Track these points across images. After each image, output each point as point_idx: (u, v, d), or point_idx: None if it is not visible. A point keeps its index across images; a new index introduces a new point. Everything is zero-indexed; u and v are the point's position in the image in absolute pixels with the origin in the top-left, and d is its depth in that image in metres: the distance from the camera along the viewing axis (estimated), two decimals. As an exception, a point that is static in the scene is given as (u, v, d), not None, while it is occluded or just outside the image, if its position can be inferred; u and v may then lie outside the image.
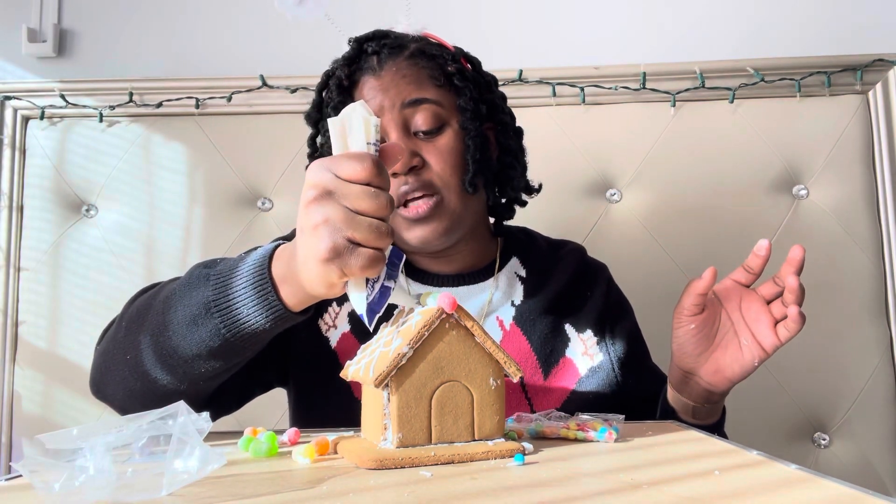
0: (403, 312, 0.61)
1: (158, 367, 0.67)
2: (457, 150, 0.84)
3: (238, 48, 1.44)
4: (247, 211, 1.36)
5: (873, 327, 1.30)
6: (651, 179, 1.34)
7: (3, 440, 1.31)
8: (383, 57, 0.84)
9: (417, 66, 0.84)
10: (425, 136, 0.83)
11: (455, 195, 0.84)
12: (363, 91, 0.85)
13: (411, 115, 0.83)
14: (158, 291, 0.72)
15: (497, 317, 0.89)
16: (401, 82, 0.83)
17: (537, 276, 0.92)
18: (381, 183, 0.54)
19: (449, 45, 0.91)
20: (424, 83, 0.84)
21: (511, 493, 0.44)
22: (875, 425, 1.27)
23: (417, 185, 0.81)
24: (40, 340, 1.33)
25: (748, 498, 0.42)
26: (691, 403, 0.80)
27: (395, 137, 0.82)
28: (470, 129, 0.84)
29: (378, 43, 0.85)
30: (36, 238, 1.36)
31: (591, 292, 0.93)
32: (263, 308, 0.61)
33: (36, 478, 0.41)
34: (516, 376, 0.57)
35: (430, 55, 0.86)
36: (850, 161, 1.32)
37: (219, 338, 0.63)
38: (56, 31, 1.43)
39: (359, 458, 0.52)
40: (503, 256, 0.94)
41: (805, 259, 0.72)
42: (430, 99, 0.83)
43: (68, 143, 1.38)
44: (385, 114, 0.83)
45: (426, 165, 0.82)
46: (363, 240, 0.53)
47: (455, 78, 0.86)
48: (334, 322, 0.88)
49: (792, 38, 1.39)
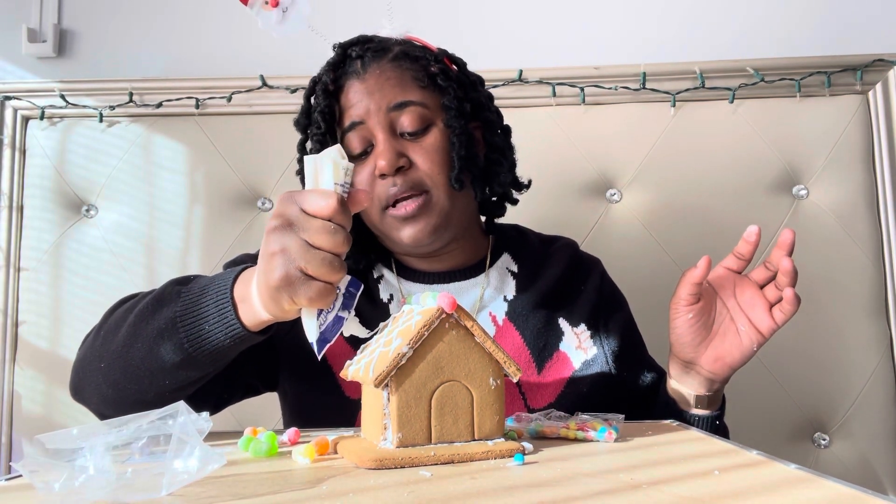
0: (403, 312, 0.61)
1: (127, 377, 0.70)
2: (443, 149, 0.85)
3: (238, 48, 1.44)
4: (247, 211, 1.36)
5: (873, 327, 1.29)
6: (651, 179, 1.34)
7: (3, 440, 1.31)
8: (367, 60, 0.85)
9: (401, 69, 0.86)
10: (411, 136, 0.85)
11: (443, 192, 0.85)
12: (349, 95, 0.86)
13: (397, 117, 0.84)
14: (135, 304, 0.74)
15: (490, 312, 0.90)
16: (385, 85, 0.84)
17: (529, 271, 0.93)
18: (342, 221, 0.57)
19: (433, 46, 0.92)
20: (408, 85, 0.85)
21: (511, 493, 0.44)
22: (875, 425, 1.27)
23: (406, 185, 0.83)
24: (41, 340, 1.33)
25: (748, 498, 0.42)
26: (693, 393, 0.81)
27: (381, 139, 0.83)
28: (455, 126, 0.85)
29: (362, 47, 0.86)
30: (36, 238, 1.36)
31: (584, 286, 0.94)
32: (223, 326, 0.65)
33: (36, 478, 0.41)
34: (516, 376, 0.57)
35: (414, 57, 0.87)
36: (850, 161, 1.32)
37: (182, 352, 0.66)
38: (56, 31, 1.43)
39: (359, 458, 0.52)
40: (494, 253, 0.95)
41: (795, 241, 0.74)
42: (414, 101, 0.84)
43: (68, 143, 1.38)
44: (371, 117, 0.84)
45: (413, 165, 0.84)
46: (315, 273, 0.56)
47: (438, 78, 0.87)
48: None
49: (792, 38, 1.39)
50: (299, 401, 0.91)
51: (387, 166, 0.81)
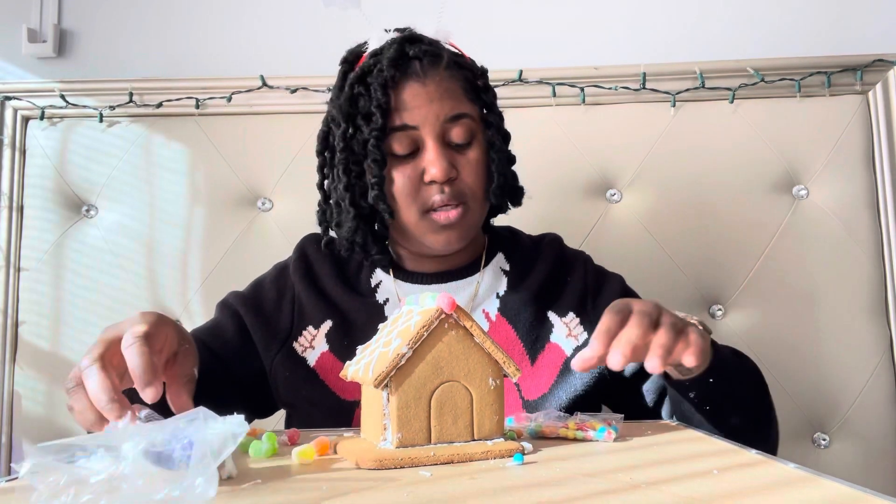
0: (402, 313, 0.61)
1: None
2: (483, 163, 0.88)
3: (238, 48, 1.44)
4: (247, 211, 1.36)
5: (873, 327, 1.29)
6: (651, 179, 1.34)
7: (3, 440, 1.31)
8: (426, 64, 0.85)
9: (455, 79, 0.87)
10: (458, 148, 0.86)
11: (478, 205, 0.88)
12: (405, 96, 0.84)
13: (449, 128, 0.85)
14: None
15: (483, 309, 0.92)
16: (444, 95, 0.85)
17: (520, 269, 0.95)
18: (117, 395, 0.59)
19: (467, 55, 0.93)
20: (461, 97, 0.87)
21: (510, 493, 0.44)
22: (875, 425, 1.27)
23: (451, 194, 0.85)
24: (41, 340, 1.33)
25: (748, 498, 0.42)
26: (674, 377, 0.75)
27: (434, 148, 0.84)
28: (495, 143, 0.88)
29: (418, 47, 0.85)
30: (36, 238, 1.36)
31: (570, 277, 0.96)
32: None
33: (36, 479, 0.41)
34: (515, 376, 0.57)
35: (461, 66, 0.88)
36: (850, 161, 1.32)
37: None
38: (56, 31, 1.43)
39: (359, 458, 0.52)
40: (489, 253, 0.97)
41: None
42: (466, 114, 0.86)
43: (68, 143, 1.38)
44: (426, 124, 0.84)
45: (459, 176, 0.86)
46: (79, 410, 0.61)
47: (482, 93, 0.89)
48: (311, 343, 0.92)
49: (792, 38, 1.39)
50: (297, 412, 0.94)
51: (441, 175, 0.83)
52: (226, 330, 0.93)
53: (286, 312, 0.93)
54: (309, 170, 1.36)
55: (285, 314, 0.93)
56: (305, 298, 0.93)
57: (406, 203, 0.86)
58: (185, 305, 1.33)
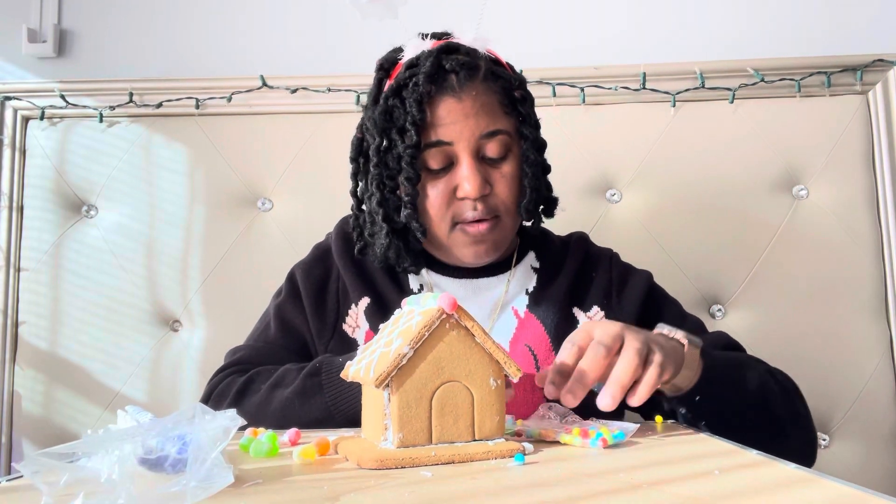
0: (403, 313, 0.61)
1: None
2: (518, 177, 0.87)
3: (238, 48, 1.44)
4: (247, 211, 1.36)
5: (873, 327, 1.30)
6: (651, 179, 1.34)
7: (2, 440, 1.31)
8: (462, 78, 0.83)
9: (491, 92, 0.85)
10: (492, 162, 0.86)
11: (511, 218, 0.89)
12: (441, 112, 0.83)
13: (485, 144, 0.85)
14: (269, 395, 0.81)
15: (513, 307, 0.93)
16: (480, 111, 0.84)
17: (550, 267, 0.96)
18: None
19: (505, 62, 0.92)
20: (497, 112, 0.86)
21: (511, 493, 0.44)
22: (875, 425, 1.27)
23: (484, 209, 0.85)
24: (41, 340, 1.33)
25: (748, 498, 0.42)
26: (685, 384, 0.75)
27: (469, 164, 0.83)
28: (530, 156, 0.87)
29: (455, 60, 0.83)
30: (36, 238, 1.36)
31: (595, 274, 0.97)
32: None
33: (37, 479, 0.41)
34: (516, 376, 0.57)
35: (499, 76, 0.87)
36: (850, 161, 1.32)
37: (334, 423, 0.78)
38: (56, 31, 1.43)
39: (359, 458, 0.52)
40: (521, 251, 0.98)
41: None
42: (502, 129, 0.86)
43: (68, 143, 1.38)
44: (461, 141, 0.83)
45: (492, 191, 0.86)
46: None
47: (519, 105, 0.88)
48: (357, 322, 0.93)
49: (792, 38, 1.39)
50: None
51: (474, 192, 0.83)
52: (298, 327, 0.95)
53: (332, 293, 0.95)
54: (309, 170, 1.37)
55: (331, 294, 0.95)
56: (346, 275, 0.94)
57: (438, 217, 0.86)
58: (185, 305, 1.33)
